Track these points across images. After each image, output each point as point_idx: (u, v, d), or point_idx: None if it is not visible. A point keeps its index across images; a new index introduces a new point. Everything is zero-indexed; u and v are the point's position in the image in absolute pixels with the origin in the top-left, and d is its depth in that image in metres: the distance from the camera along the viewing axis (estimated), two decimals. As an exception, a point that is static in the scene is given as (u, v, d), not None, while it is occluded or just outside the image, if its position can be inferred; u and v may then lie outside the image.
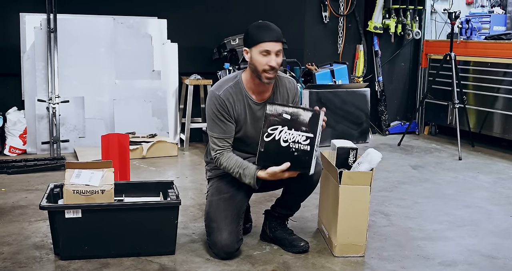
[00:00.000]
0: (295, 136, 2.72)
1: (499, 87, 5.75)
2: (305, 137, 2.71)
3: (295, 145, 2.73)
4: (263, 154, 2.77)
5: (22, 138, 5.28)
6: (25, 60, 5.31)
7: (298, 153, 2.73)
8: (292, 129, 2.73)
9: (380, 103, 6.70)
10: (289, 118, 2.73)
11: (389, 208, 3.87)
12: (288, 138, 2.73)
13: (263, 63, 2.79)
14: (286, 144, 2.73)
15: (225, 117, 2.88)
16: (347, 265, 2.90)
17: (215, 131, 2.90)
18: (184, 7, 5.81)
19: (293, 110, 2.74)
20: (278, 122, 2.74)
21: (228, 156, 2.89)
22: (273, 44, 2.79)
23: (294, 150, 2.73)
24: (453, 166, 5.20)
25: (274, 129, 2.75)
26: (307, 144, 2.71)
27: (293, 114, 2.73)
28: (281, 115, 2.74)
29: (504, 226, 3.58)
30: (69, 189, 2.85)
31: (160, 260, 2.88)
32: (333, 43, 6.59)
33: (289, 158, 2.74)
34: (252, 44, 2.81)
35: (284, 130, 2.74)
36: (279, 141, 2.74)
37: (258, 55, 2.79)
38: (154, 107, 5.68)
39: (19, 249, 3.00)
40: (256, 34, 2.79)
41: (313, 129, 2.71)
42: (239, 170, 2.84)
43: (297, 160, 2.73)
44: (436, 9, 6.85)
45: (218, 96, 2.87)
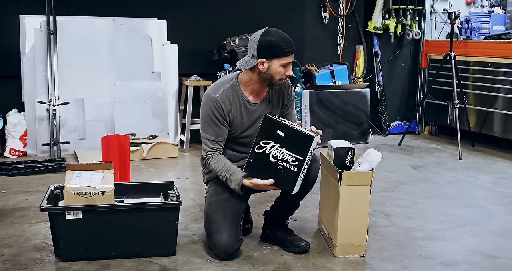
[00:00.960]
0: (285, 154, 2.73)
1: (499, 87, 5.75)
2: (295, 158, 2.72)
3: (283, 163, 2.73)
4: (251, 164, 2.79)
5: (22, 139, 5.28)
6: (25, 62, 5.31)
7: (284, 171, 2.73)
8: (283, 147, 2.73)
9: (380, 104, 6.70)
10: (283, 136, 2.73)
11: (390, 208, 3.87)
12: (278, 154, 2.74)
13: (282, 73, 2.87)
14: (275, 160, 2.74)
15: (219, 120, 2.90)
16: (348, 265, 2.90)
17: (208, 133, 2.93)
18: (184, 8, 5.81)
19: (288, 129, 2.73)
20: (272, 138, 2.75)
21: (218, 158, 2.93)
22: (292, 56, 2.88)
23: (281, 168, 2.74)
24: (453, 165, 5.20)
25: (266, 143, 2.75)
26: (295, 165, 2.72)
27: (287, 133, 2.73)
28: (276, 131, 2.74)
29: (505, 225, 3.58)
30: (69, 191, 2.85)
31: (160, 261, 2.88)
32: (333, 43, 6.59)
33: (275, 174, 2.75)
34: (275, 56, 2.83)
35: (275, 147, 2.74)
36: (269, 155, 2.75)
37: (279, 67, 2.84)
38: (154, 108, 5.68)
39: (20, 251, 3.00)
40: (282, 48, 2.83)
41: (304, 153, 2.70)
42: (226, 174, 2.89)
43: (282, 177, 2.75)
44: (435, 9, 6.86)
45: (214, 99, 2.89)
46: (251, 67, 2.87)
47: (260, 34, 2.84)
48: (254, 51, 2.84)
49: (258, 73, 2.88)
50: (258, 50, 2.83)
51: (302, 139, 2.71)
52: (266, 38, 2.82)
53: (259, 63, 2.84)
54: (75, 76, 5.40)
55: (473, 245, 3.22)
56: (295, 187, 2.75)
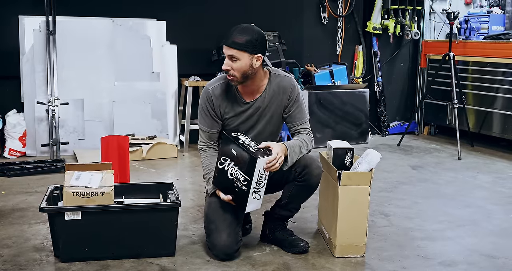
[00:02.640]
0: (238, 173, 2.75)
1: (498, 87, 5.76)
2: (244, 178, 2.73)
3: (237, 181, 2.76)
4: (216, 178, 2.85)
5: (21, 140, 5.28)
6: (24, 62, 5.31)
7: (238, 190, 2.77)
8: (236, 166, 2.75)
9: (380, 104, 6.71)
10: (235, 155, 2.75)
11: (389, 208, 3.87)
12: (233, 172, 2.77)
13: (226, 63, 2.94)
14: (231, 178, 2.78)
15: (209, 112, 2.98)
16: (347, 265, 2.90)
17: (202, 123, 3.05)
18: (183, 9, 5.82)
19: (238, 148, 2.74)
20: (228, 155, 2.78)
21: (208, 154, 3.04)
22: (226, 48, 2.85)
23: (236, 186, 2.77)
24: (452, 166, 5.20)
25: (225, 160, 2.80)
26: (245, 185, 2.73)
27: (237, 152, 2.74)
28: (230, 149, 2.77)
29: (504, 225, 3.59)
30: (69, 191, 2.85)
31: (160, 262, 2.89)
32: (332, 44, 6.60)
33: (232, 191, 2.80)
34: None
35: (231, 165, 2.77)
36: (227, 172, 2.79)
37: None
38: (154, 109, 5.68)
39: (19, 252, 3.00)
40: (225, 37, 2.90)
41: (250, 173, 2.70)
42: (207, 175, 2.99)
43: (236, 195, 2.79)
44: (434, 9, 6.86)
45: (208, 90, 2.99)
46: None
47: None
48: None
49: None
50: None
51: (248, 159, 2.70)
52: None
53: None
54: (74, 76, 5.41)
55: (472, 245, 3.22)
56: (248, 206, 2.76)
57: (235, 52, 2.83)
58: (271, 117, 3.02)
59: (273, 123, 3.04)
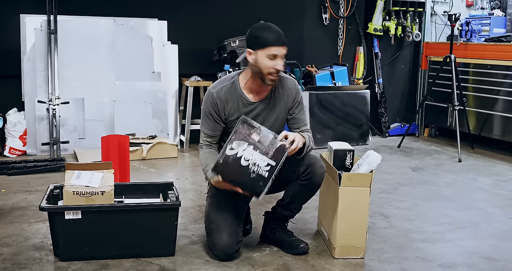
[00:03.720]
0: (257, 158, 2.70)
1: (499, 89, 5.75)
2: (267, 163, 2.69)
3: (254, 167, 2.70)
4: (220, 166, 2.74)
5: (22, 139, 5.28)
6: (25, 61, 5.31)
7: (254, 175, 2.70)
8: (257, 151, 2.71)
9: (380, 105, 6.71)
10: (257, 139, 2.71)
11: (389, 210, 3.87)
12: (250, 158, 2.70)
13: (269, 66, 2.79)
14: (246, 163, 2.70)
15: (213, 116, 2.95)
16: (347, 266, 2.90)
17: (204, 126, 3.03)
18: (184, 9, 5.82)
19: (263, 134, 2.72)
20: (246, 140, 2.72)
21: (205, 151, 3.02)
22: (280, 48, 2.79)
23: (252, 172, 2.70)
24: (453, 168, 5.20)
25: (239, 145, 2.73)
26: (267, 170, 2.69)
27: (262, 137, 2.72)
28: (251, 134, 2.73)
29: (504, 228, 3.58)
30: (69, 190, 2.85)
31: (160, 262, 2.88)
32: (333, 45, 6.60)
33: (245, 178, 2.72)
34: (258, 47, 2.78)
35: (248, 150, 2.71)
36: (241, 158, 2.71)
37: (265, 58, 2.78)
38: (154, 108, 5.68)
39: (19, 250, 3.00)
40: (264, 37, 2.77)
41: (278, 159, 2.69)
42: (205, 169, 2.94)
43: (251, 182, 2.71)
44: (436, 11, 6.86)
45: (212, 94, 2.95)
46: (244, 60, 2.89)
47: (251, 27, 2.86)
48: (246, 43, 2.88)
49: (250, 66, 2.88)
50: (246, 42, 2.85)
51: (277, 145, 2.71)
52: (252, 29, 2.84)
53: (247, 54, 2.84)
54: (75, 76, 5.41)
55: (472, 247, 3.22)
56: (263, 192, 2.71)
57: (286, 49, 2.81)
58: (276, 119, 3.00)
59: (277, 125, 3.01)
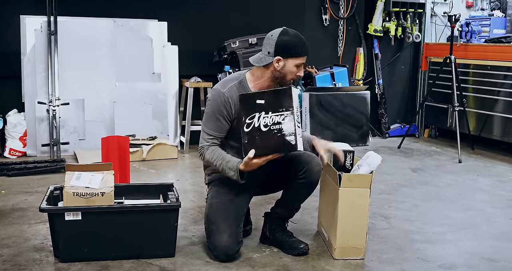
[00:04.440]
0: (274, 117, 2.70)
1: (499, 90, 5.75)
2: (283, 115, 2.69)
3: (276, 126, 2.70)
4: (248, 145, 2.74)
5: (22, 140, 5.28)
6: (25, 62, 5.31)
7: (281, 133, 2.70)
8: (269, 112, 2.71)
9: (380, 106, 6.71)
10: (263, 103, 2.72)
11: (389, 211, 3.87)
12: (267, 121, 2.71)
13: (294, 73, 2.90)
14: (266, 128, 2.71)
15: (223, 115, 2.90)
16: (347, 267, 2.90)
17: (209, 127, 2.93)
18: (184, 10, 5.82)
19: (264, 94, 2.74)
20: (254, 110, 2.73)
21: (213, 148, 2.91)
22: (305, 58, 2.93)
23: (277, 131, 2.70)
24: (453, 168, 5.20)
25: (252, 118, 2.73)
26: (287, 122, 2.69)
27: (266, 98, 2.72)
28: (254, 102, 2.73)
29: (504, 229, 3.58)
30: (69, 191, 2.85)
31: (160, 263, 2.88)
32: (333, 46, 6.60)
33: (274, 141, 2.71)
34: (290, 56, 2.86)
35: (261, 116, 2.72)
36: (260, 127, 2.72)
37: (293, 67, 2.88)
38: (154, 109, 5.68)
39: (19, 251, 3.00)
40: (298, 47, 2.88)
41: (289, 105, 2.69)
42: (222, 162, 2.85)
43: (282, 141, 2.70)
44: (436, 12, 6.87)
45: (223, 93, 2.90)
46: (266, 64, 2.89)
47: (279, 33, 2.86)
48: (271, 49, 2.85)
49: (272, 71, 2.89)
50: (275, 48, 2.85)
51: (280, 94, 2.72)
52: (284, 37, 2.86)
53: (275, 61, 2.85)
54: (75, 77, 5.41)
55: (472, 248, 3.22)
56: (297, 142, 2.69)
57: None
58: None
59: None
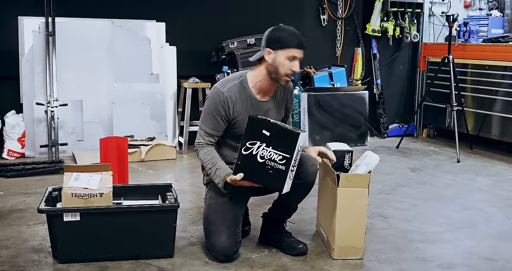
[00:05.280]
0: (272, 154, 2.71)
1: (497, 90, 5.76)
2: (282, 156, 2.69)
3: (271, 163, 2.71)
4: (240, 167, 2.76)
5: (20, 141, 5.27)
6: (23, 63, 5.31)
7: (273, 171, 2.71)
8: (270, 147, 2.71)
9: (379, 106, 6.71)
10: (268, 135, 2.72)
11: (388, 211, 3.87)
12: (265, 154, 2.71)
13: (287, 67, 2.86)
14: (262, 161, 2.72)
15: (221, 115, 2.91)
16: (346, 267, 2.90)
17: (206, 125, 2.94)
18: (182, 10, 5.82)
19: (273, 128, 2.73)
20: (257, 138, 2.73)
21: (208, 150, 2.94)
22: (300, 51, 2.88)
23: (269, 168, 2.71)
24: (451, 168, 5.20)
25: (252, 144, 2.74)
26: (283, 164, 2.69)
27: (272, 132, 2.72)
28: (261, 131, 2.73)
29: (503, 228, 3.59)
30: (67, 192, 2.85)
31: (158, 263, 2.88)
32: (331, 46, 6.60)
33: (264, 174, 2.72)
34: (280, 47, 2.85)
35: (262, 147, 2.72)
36: (256, 156, 2.73)
37: (284, 59, 2.85)
38: (153, 110, 5.68)
39: (18, 253, 3.00)
40: (288, 39, 2.85)
41: (291, 150, 2.68)
42: (212, 167, 2.88)
43: (271, 177, 2.72)
44: (434, 12, 6.87)
45: (222, 93, 2.91)
46: (259, 58, 2.91)
47: (271, 28, 2.91)
48: (264, 42, 2.89)
49: (265, 66, 2.90)
50: (266, 41, 2.88)
51: (288, 136, 2.70)
52: (276, 30, 2.89)
53: (266, 53, 2.87)
54: (74, 78, 5.40)
55: (471, 248, 3.22)
56: (285, 186, 2.72)
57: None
58: (277, 119, 3.01)
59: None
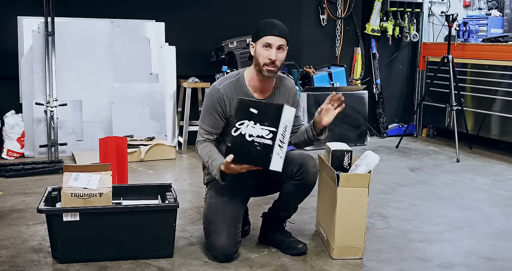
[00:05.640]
0: (259, 130, 2.70)
1: (496, 90, 5.76)
2: (268, 130, 2.69)
3: (259, 139, 2.70)
4: (230, 149, 2.76)
5: (20, 141, 5.27)
6: (23, 63, 5.30)
7: (260, 147, 2.69)
8: (257, 123, 2.71)
9: (378, 106, 6.71)
10: (256, 112, 2.72)
11: (387, 210, 3.87)
12: (252, 132, 2.71)
13: (265, 56, 2.85)
14: (250, 139, 2.71)
15: (218, 112, 2.93)
16: (346, 267, 2.90)
17: (205, 122, 2.97)
18: (182, 10, 5.82)
19: (259, 105, 2.75)
20: (246, 117, 2.73)
21: (205, 145, 2.96)
22: (275, 38, 2.85)
23: (257, 144, 2.70)
24: (451, 168, 5.20)
25: (241, 124, 2.73)
26: (270, 138, 2.68)
27: (259, 109, 2.72)
28: (248, 109, 2.73)
29: (502, 228, 3.59)
30: (67, 192, 2.85)
31: (158, 263, 2.88)
32: (331, 46, 6.60)
33: (253, 152, 2.71)
34: (256, 39, 2.88)
35: (250, 125, 2.72)
36: (245, 135, 2.72)
37: (261, 49, 2.86)
38: (152, 110, 5.68)
39: (17, 253, 3.00)
40: (263, 28, 2.87)
41: (276, 123, 2.68)
42: (209, 160, 2.89)
43: (259, 154, 2.70)
44: (433, 11, 6.87)
45: (218, 90, 2.93)
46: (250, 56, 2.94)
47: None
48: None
49: (253, 61, 2.93)
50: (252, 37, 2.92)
51: (273, 109, 2.71)
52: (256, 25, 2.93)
53: (250, 47, 2.92)
54: (73, 77, 5.40)
55: (471, 247, 3.22)
56: (272, 161, 2.67)
57: (284, 42, 2.87)
58: None
59: None
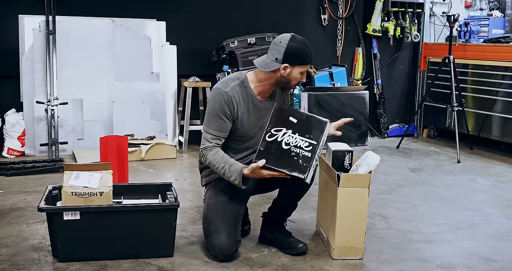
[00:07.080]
0: (298, 140, 2.73)
1: (497, 90, 5.76)
2: (308, 143, 2.73)
3: (297, 149, 2.72)
4: (262, 153, 2.75)
5: (20, 139, 5.27)
6: (23, 62, 5.31)
7: (297, 157, 2.72)
8: (296, 133, 2.74)
9: (379, 106, 6.71)
10: (295, 122, 2.76)
11: (388, 211, 3.87)
12: (290, 141, 2.74)
13: (298, 79, 2.94)
14: (287, 147, 2.73)
15: (226, 115, 2.89)
16: (346, 267, 2.90)
17: (211, 127, 2.90)
18: (183, 10, 5.81)
19: (300, 115, 2.78)
20: (284, 125, 2.76)
21: (216, 150, 2.88)
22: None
23: (294, 154, 2.72)
24: (451, 168, 5.20)
25: (278, 131, 2.76)
26: (309, 150, 2.72)
27: (300, 119, 2.76)
28: (288, 118, 2.77)
29: (502, 229, 3.59)
30: (67, 191, 2.85)
31: (158, 263, 2.88)
32: (332, 46, 6.60)
33: (288, 161, 2.72)
34: (298, 64, 2.88)
35: (288, 133, 2.75)
36: (281, 142, 2.74)
37: (298, 74, 2.91)
38: (153, 109, 5.68)
39: (17, 251, 3.00)
40: (306, 56, 2.90)
41: (317, 137, 2.73)
42: (225, 165, 2.82)
43: (295, 164, 2.72)
44: (435, 12, 6.87)
45: (225, 92, 2.89)
46: (273, 70, 2.88)
47: (288, 40, 2.86)
48: (280, 55, 2.85)
49: (277, 77, 2.90)
50: (284, 56, 2.84)
51: (316, 123, 2.76)
52: (293, 44, 2.86)
53: (282, 68, 2.85)
54: (74, 76, 5.40)
55: (471, 248, 3.22)
56: (308, 173, 2.71)
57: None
58: None
59: None
